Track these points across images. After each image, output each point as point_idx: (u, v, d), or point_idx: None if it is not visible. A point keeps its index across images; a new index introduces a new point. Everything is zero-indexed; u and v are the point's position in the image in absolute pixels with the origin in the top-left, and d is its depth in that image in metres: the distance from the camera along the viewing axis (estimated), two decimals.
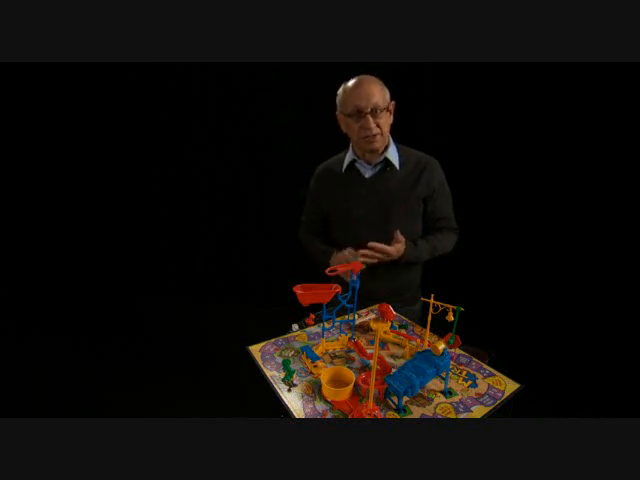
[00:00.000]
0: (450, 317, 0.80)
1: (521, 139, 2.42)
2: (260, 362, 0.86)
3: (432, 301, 0.83)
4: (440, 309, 0.81)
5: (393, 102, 1.14)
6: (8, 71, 2.71)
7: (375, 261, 1.08)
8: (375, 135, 1.10)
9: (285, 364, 0.84)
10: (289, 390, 0.76)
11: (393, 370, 0.78)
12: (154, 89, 3.05)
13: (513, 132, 2.43)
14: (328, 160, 1.32)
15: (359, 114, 1.08)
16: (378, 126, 1.09)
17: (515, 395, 0.75)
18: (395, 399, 0.71)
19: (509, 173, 2.48)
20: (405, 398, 0.71)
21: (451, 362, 0.78)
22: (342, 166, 1.23)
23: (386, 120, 1.12)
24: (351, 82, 1.11)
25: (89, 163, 3.24)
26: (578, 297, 2.34)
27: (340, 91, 1.14)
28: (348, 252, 1.11)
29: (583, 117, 2.19)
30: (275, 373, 0.82)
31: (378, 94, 1.07)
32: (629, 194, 2.15)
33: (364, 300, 1.08)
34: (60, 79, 2.89)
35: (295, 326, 1.04)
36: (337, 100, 1.16)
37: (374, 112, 1.07)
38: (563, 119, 2.26)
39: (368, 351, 0.88)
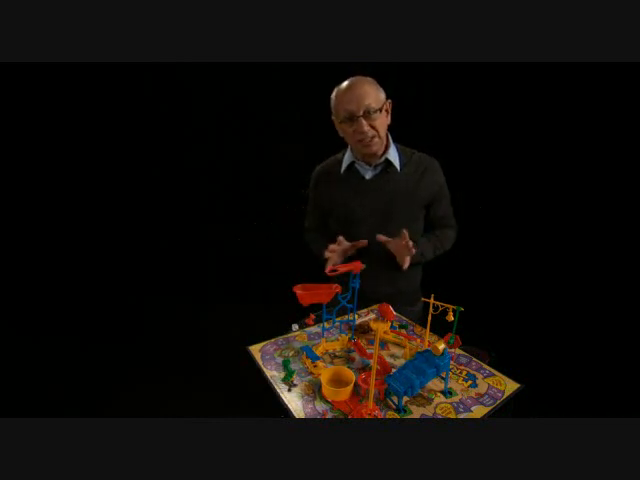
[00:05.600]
0: (450, 317, 0.80)
1: (521, 139, 2.42)
2: (260, 362, 0.86)
3: (432, 301, 0.82)
4: (440, 309, 0.81)
5: (389, 101, 1.10)
6: (8, 71, 2.71)
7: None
8: (372, 138, 1.06)
9: (285, 364, 0.84)
10: (289, 390, 0.76)
11: (393, 370, 0.78)
12: (154, 89, 3.06)
13: (513, 132, 2.43)
14: (324, 162, 1.30)
15: (352, 118, 1.04)
16: (373, 128, 1.05)
17: (515, 395, 0.75)
18: (395, 399, 0.71)
19: (509, 173, 2.48)
20: (405, 398, 0.71)
21: (451, 362, 0.78)
22: (341, 167, 1.21)
23: (382, 121, 1.08)
24: (342, 86, 1.07)
25: (89, 163, 3.24)
26: (578, 297, 2.34)
27: (332, 97, 1.10)
28: (337, 244, 1.08)
29: (583, 117, 2.20)
30: (275, 373, 0.82)
31: (370, 95, 1.03)
32: (629, 194, 2.14)
33: (364, 300, 1.08)
34: (60, 79, 2.89)
35: (295, 326, 1.04)
36: (331, 106, 1.12)
37: (367, 114, 1.03)
38: (563, 119, 2.26)
39: (368, 351, 0.89)
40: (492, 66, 2.13)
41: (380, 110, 1.05)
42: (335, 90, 1.10)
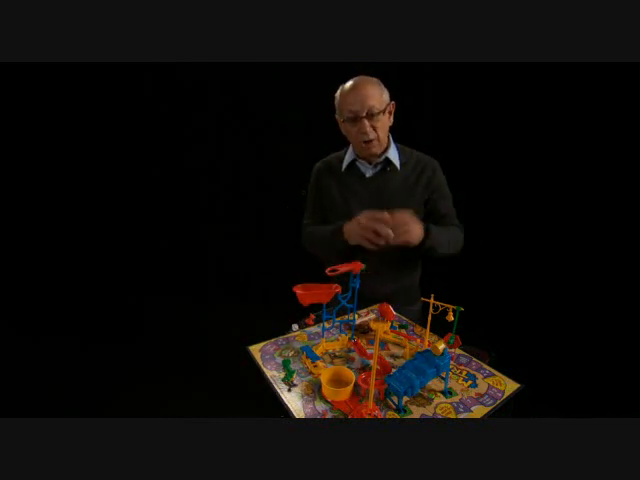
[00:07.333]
0: (450, 317, 0.80)
1: (521, 139, 2.42)
2: (260, 362, 0.86)
3: (432, 301, 0.82)
4: (440, 309, 0.81)
5: (393, 103, 1.12)
6: (8, 71, 2.71)
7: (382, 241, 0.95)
8: (372, 140, 1.08)
9: (285, 364, 0.84)
10: (289, 390, 0.76)
11: (393, 370, 0.78)
12: (155, 89, 3.06)
13: (513, 132, 2.43)
14: (327, 157, 1.30)
15: (355, 119, 1.06)
16: (375, 129, 1.07)
17: (515, 395, 0.75)
18: (395, 399, 0.71)
19: (509, 173, 2.48)
20: (405, 398, 0.71)
21: (451, 362, 0.78)
22: (342, 165, 1.22)
23: (384, 123, 1.09)
24: (346, 85, 1.08)
25: (89, 163, 3.24)
26: (578, 297, 2.34)
27: (337, 95, 1.12)
28: (364, 217, 0.98)
29: (583, 117, 2.19)
30: (275, 373, 0.82)
31: (374, 97, 1.04)
32: (629, 194, 2.14)
33: (363, 300, 1.08)
34: (60, 79, 2.89)
35: (295, 326, 1.04)
36: (335, 104, 1.14)
37: (370, 116, 1.04)
38: (563, 119, 2.26)
39: (368, 351, 0.89)
40: (492, 66, 2.13)
41: (383, 112, 1.06)
42: (340, 89, 1.11)
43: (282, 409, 0.72)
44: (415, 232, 0.97)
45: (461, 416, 0.69)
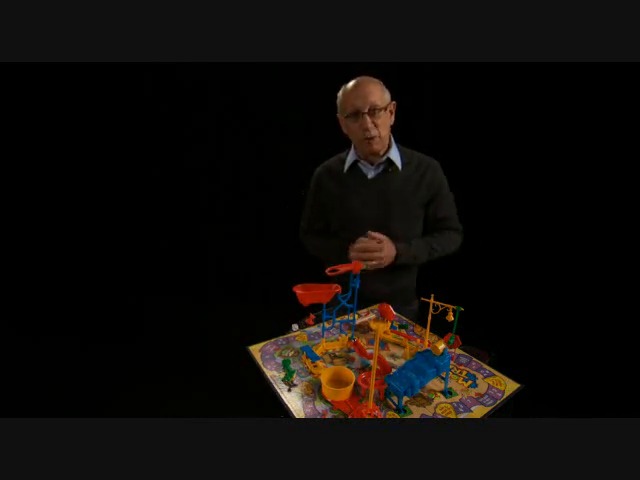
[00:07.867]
0: (450, 317, 0.80)
1: (520, 139, 2.42)
2: (260, 362, 0.86)
3: (432, 301, 0.82)
4: (440, 309, 0.81)
5: (394, 103, 1.14)
6: (8, 71, 2.71)
7: (374, 263, 1.07)
8: (373, 137, 1.09)
9: (285, 364, 0.84)
10: (289, 390, 0.76)
11: (393, 370, 0.78)
12: (154, 89, 3.05)
13: (512, 132, 2.43)
14: (327, 161, 1.31)
15: (357, 114, 1.08)
16: (376, 126, 1.08)
17: (515, 395, 0.75)
18: (395, 399, 0.71)
19: (509, 173, 2.48)
20: (405, 398, 0.71)
21: (451, 362, 0.78)
22: (344, 166, 1.22)
23: (385, 121, 1.11)
24: (349, 84, 1.11)
25: (89, 163, 3.24)
26: (578, 297, 2.34)
27: (339, 94, 1.15)
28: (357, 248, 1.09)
29: (583, 117, 2.19)
30: (275, 373, 0.82)
31: (376, 94, 1.07)
32: (629, 194, 2.14)
33: (364, 301, 1.08)
34: (60, 79, 2.88)
35: (295, 326, 1.04)
36: (337, 103, 1.16)
37: (372, 112, 1.06)
38: (563, 119, 2.26)
39: (368, 351, 0.89)
40: (492, 66, 2.13)
41: (385, 110, 1.09)
42: (342, 88, 1.14)
43: (282, 409, 0.72)
44: (386, 259, 1.10)
45: (461, 416, 0.69)
